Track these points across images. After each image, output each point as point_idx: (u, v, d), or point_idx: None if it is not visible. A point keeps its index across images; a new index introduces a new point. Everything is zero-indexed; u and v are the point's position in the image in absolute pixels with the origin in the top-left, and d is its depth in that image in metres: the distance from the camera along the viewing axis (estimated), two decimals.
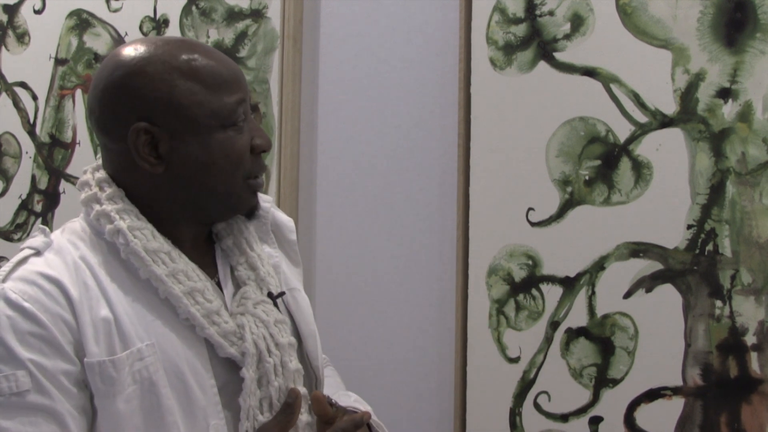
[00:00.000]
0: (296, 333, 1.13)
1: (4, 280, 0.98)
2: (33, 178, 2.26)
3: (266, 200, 1.19)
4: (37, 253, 1.01)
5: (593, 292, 1.55)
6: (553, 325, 1.58)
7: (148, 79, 1.01)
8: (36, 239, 1.03)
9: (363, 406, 1.19)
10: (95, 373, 0.96)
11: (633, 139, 1.52)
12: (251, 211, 1.14)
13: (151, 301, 1.02)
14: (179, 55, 1.03)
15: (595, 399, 1.54)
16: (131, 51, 1.04)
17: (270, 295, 1.10)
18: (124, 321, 0.99)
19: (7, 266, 1.00)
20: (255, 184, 1.10)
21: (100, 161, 1.10)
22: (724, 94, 1.45)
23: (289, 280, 1.18)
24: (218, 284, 1.10)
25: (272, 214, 1.20)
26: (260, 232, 1.18)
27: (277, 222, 1.21)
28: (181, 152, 1.03)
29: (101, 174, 1.07)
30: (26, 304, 0.95)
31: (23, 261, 1.00)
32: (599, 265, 1.54)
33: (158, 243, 1.03)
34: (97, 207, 1.04)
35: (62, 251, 1.02)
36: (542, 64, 1.60)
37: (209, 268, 1.10)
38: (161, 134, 1.02)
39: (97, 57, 2.16)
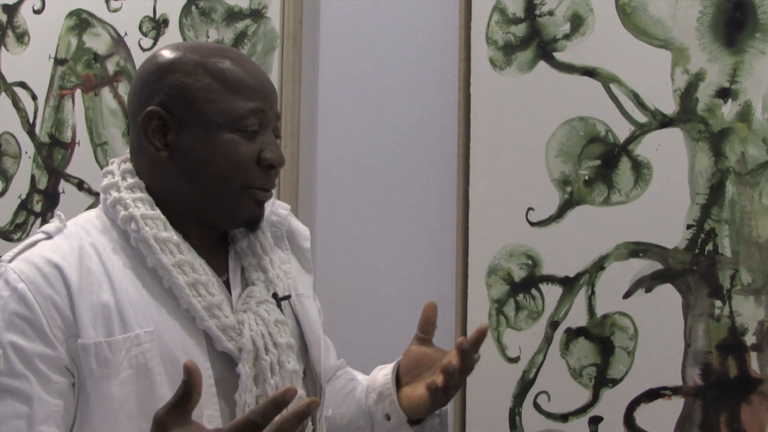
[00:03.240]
0: (302, 338, 1.15)
1: (11, 260, 1.02)
2: (32, 178, 2.26)
3: (284, 207, 1.22)
4: (48, 237, 1.05)
5: (593, 292, 1.55)
6: (553, 325, 1.58)
7: (176, 71, 1.07)
8: (50, 224, 1.08)
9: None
10: (90, 354, 0.98)
11: (633, 139, 1.52)
12: (252, 221, 1.12)
13: (155, 289, 1.04)
14: (211, 56, 1.08)
15: (595, 399, 1.54)
16: (173, 48, 1.10)
17: (275, 295, 1.12)
18: (126, 307, 1.01)
19: (19, 247, 1.05)
20: (258, 195, 1.09)
21: (128, 153, 1.14)
22: (724, 94, 1.45)
23: (299, 285, 1.19)
24: (227, 283, 1.11)
25: (288, 221, 1.22)
26: (275, 238, 1.20)
27: (293, 230, 1.24)
28: (186, 144, 1.06)
29: (127, 165, 1.11)
30: (20, 285, 0.99)
31: (33, 244, 1.04)
32: (599, 265, 1.54)
33: (168, 234, 1.05)
34: (114, 194, 1.08)
35: (71, 237, 1.05)
36: (542, 64, 1.60)
37: (220, 267, 1.12)
38: (172, 122, 1.06)
39: (96, 57, 2.16)
